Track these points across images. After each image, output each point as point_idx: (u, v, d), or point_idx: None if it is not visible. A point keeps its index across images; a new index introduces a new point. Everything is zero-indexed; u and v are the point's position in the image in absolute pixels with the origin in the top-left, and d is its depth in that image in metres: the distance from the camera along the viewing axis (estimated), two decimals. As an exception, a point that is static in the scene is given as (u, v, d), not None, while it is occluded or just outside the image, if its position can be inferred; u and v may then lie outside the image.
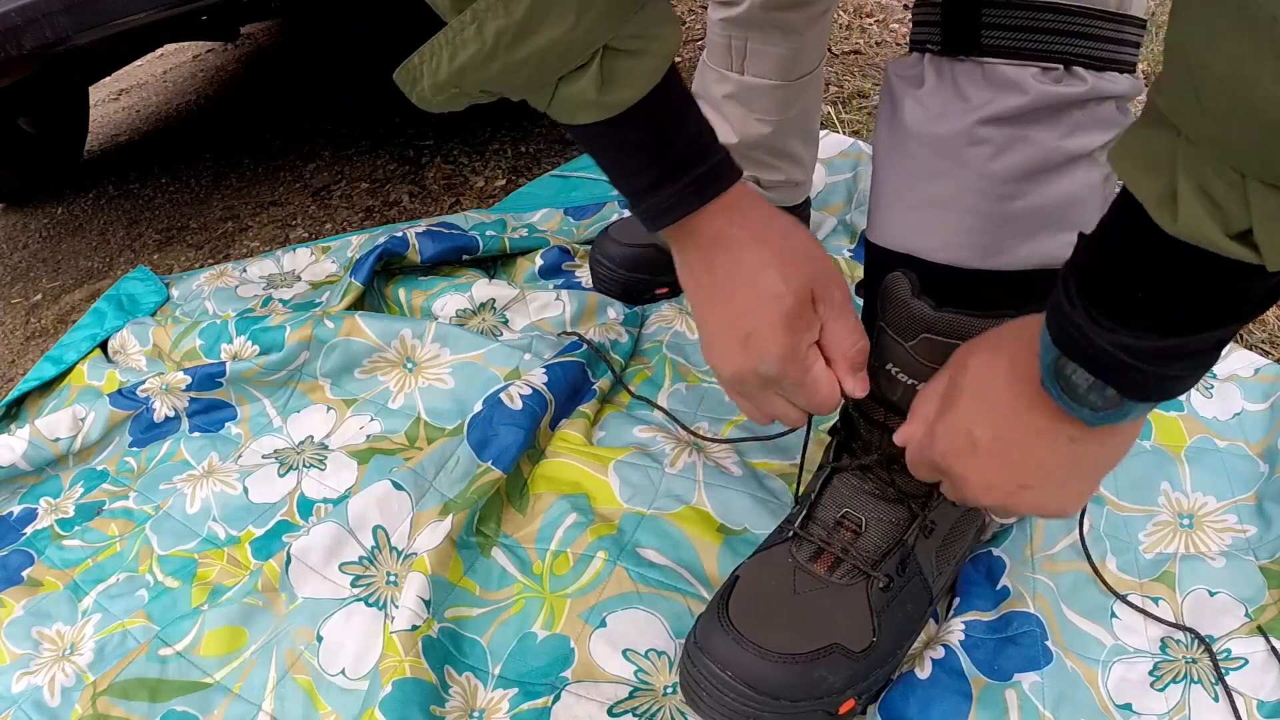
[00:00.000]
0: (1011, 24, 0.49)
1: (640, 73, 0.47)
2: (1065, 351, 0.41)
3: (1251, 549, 0.71)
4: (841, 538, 0.61)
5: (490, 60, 0.43)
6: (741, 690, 0.56)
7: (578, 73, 0.46)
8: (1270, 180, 0.29)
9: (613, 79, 0.47)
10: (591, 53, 0.45)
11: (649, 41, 0.47)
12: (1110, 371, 0.40)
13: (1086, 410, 0.42)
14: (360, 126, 1.73)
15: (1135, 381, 0.39)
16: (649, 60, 0.47)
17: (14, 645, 0.73)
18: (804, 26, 0.90)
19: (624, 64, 0.46)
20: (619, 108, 0.48)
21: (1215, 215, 0.31)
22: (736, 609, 0.59)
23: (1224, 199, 0.31)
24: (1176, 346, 0.38)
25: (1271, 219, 0.30)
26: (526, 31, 0.42)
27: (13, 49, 1.00)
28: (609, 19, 0.43)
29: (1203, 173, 0.31)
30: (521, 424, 0.79)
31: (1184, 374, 0.39)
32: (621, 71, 0.47)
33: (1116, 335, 0.38)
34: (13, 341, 1.28)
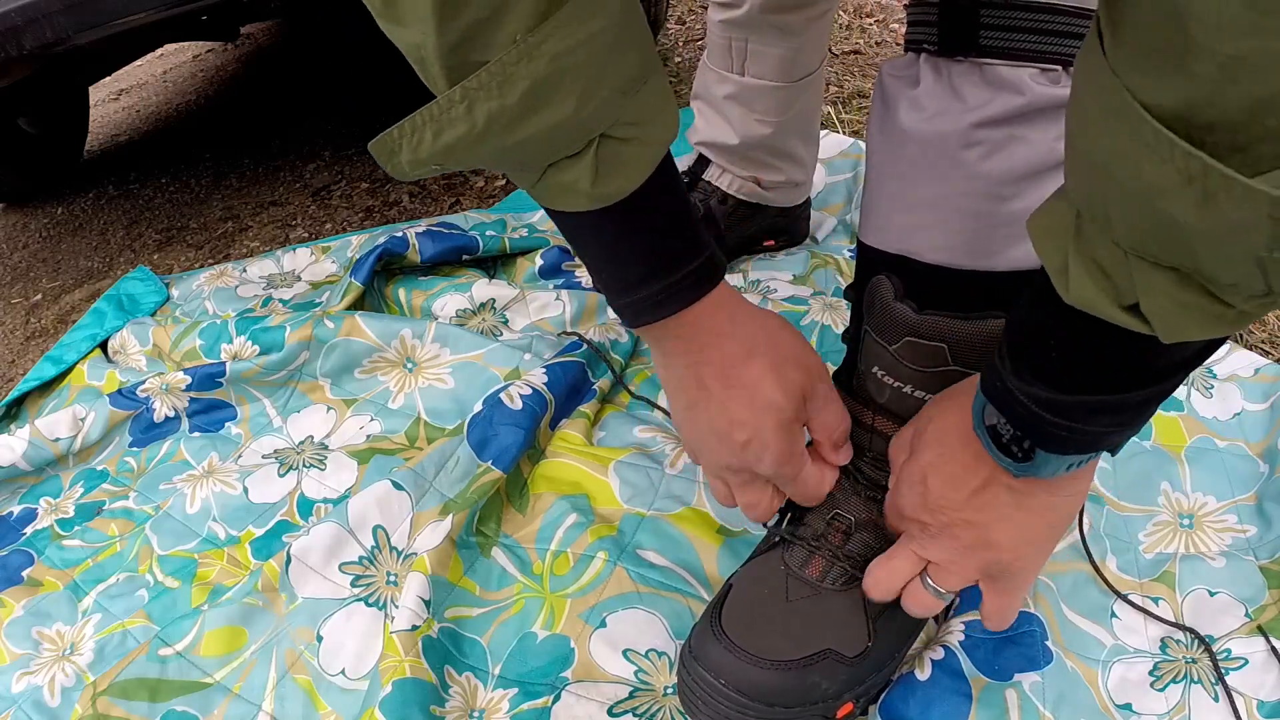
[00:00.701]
0: (1009, 25, 0.49)
1: (637, 162, 0.44)
2: (990, 399, 0.44)
3: (1251, 549, 0.71)
4: (831, 541, 0.61)
5: (479, 143, 0.39)
6: (736, 698, 0.56)
7: (571, 160, 0.42)
8: (1148, 256, 0.30)
9: (608, 169, 0.43)
10: (587, 140, 0.42)
11: (646, 128, 0.44)
12: (1025, 422, 0.42)
13: (1009, 460, 0.44)
14: (360, 126, 1.73)
15: (1048, 434, 0.41)
16: (646, 149, 0.44)
17: (14, 645, 0.73)
18: (804, 27, 0.90)
19: (620, 153, 0.43)
20: (612, 199, 0.45)
21: (1106, 287, 0.33)
22: (729, 617, 0.59)
23: (1113, 273, 0.32)
24: (1091, 404, 0.39)
25: (1154, 294, 0.31)
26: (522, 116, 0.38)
27: (13, 49, 1.00)
28: (609, 105, 0.41)
29: (1093, 247, 0.33)
30: (521, 424, 0.79)
31: (1104, 430, 0.41)
32: (617, 161, 0.43)
33: (1032, 388, 0.40)
34: (13, 341, 1.28)
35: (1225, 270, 0.28)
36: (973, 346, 0.54)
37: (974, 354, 0.54)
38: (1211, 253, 0.28)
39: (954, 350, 0.54)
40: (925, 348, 0.54)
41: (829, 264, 1.04)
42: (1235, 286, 0.29)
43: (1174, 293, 0.31)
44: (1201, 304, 0.30)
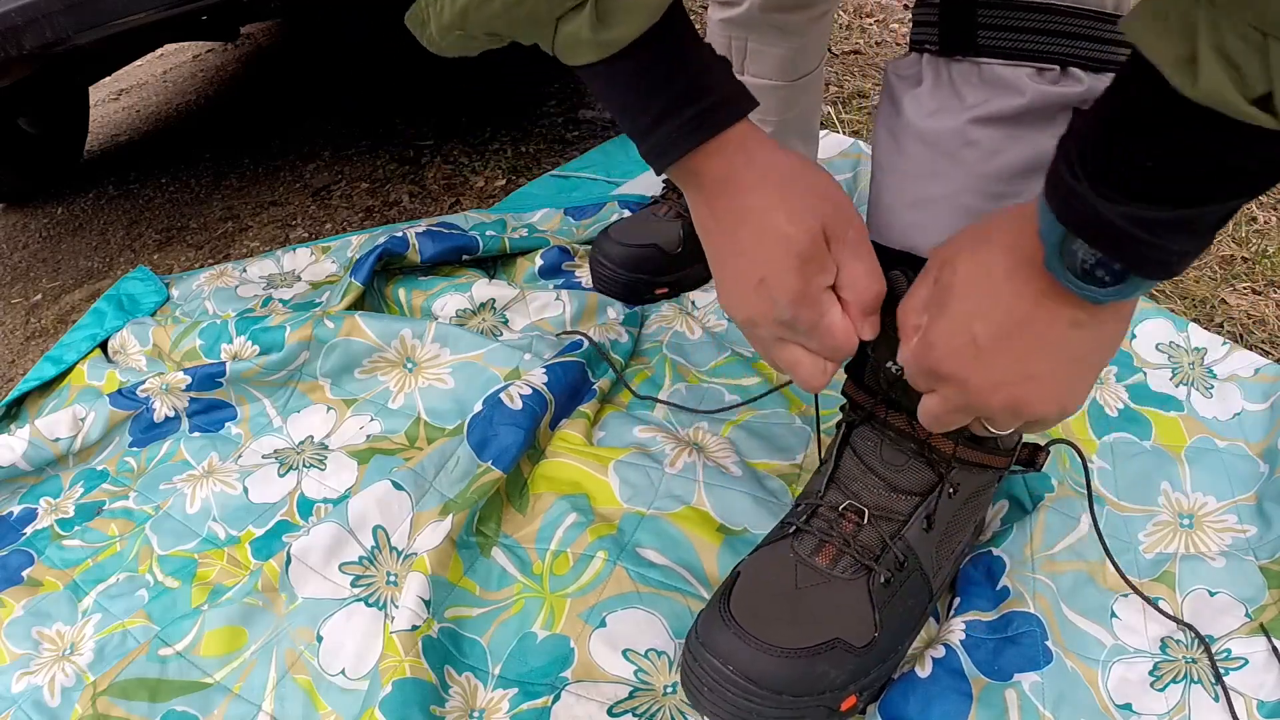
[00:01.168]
0: (1007, 25, 0.50)
1: (635, 9, 0.46)
2: (1071, 228, 0.39)
3: (1251, 549, 0.71)
4: (843, 530, 0.61)
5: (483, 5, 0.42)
6: (743, 685, 0.56)
7: (574, 12, 0.45)
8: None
9: (607, 17, 0.45)
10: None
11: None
12: (1118, 245, 0.38)
13: (1093, 288, 0.41)
14: (360, 126, 1.73)
15: (1143, 255, 0.38)
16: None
17: (14, 645, 0.73)
18: (804, 27, 0.90)
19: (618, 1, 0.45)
20: (616, 46, 0.47)
21: (1234, 78, 0.31)
22: (738, 604, 0.59)
23: (1244, 61, 0.30)
24: (1187, 218, 0.37)
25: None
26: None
27: (13, 49, 1.00)
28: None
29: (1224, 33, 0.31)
30: (521, 424, 0.79)
31: (1188, 249, 0.38)
32: (616, 9, 0.45)
33: (1126, 207, 0.37)
34: (13, 341, 1.28)
35: None
36: None
37: None
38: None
39: None
40: None
41: (829, 264, 1.04)
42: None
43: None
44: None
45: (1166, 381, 0.87)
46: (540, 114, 1.63)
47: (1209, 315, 0.99)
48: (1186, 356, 0.89)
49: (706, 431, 0.84)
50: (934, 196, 0.54)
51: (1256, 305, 0.99)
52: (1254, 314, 0.98)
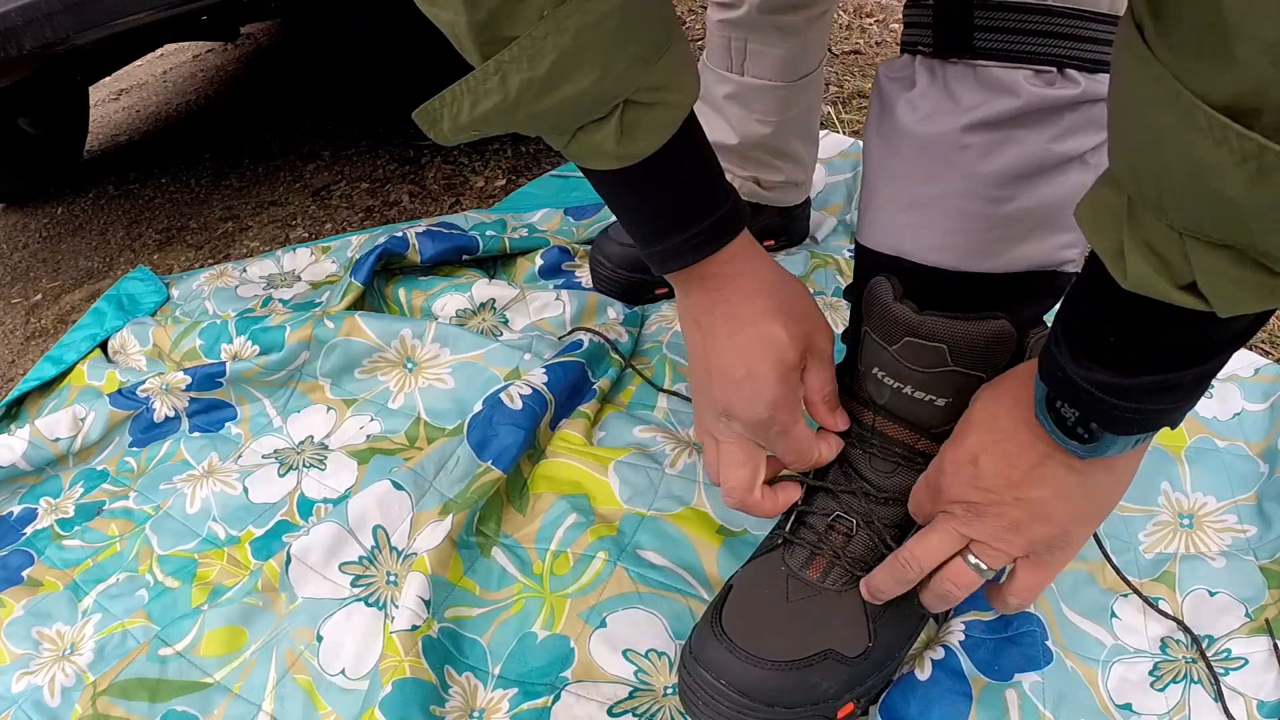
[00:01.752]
0: (1003, 26, 0.49)
1: (659, 125, 0.48)
2: (1051, 387, 0.44)
3: (1251, 549, 0.71)
4: (833, 541, 0.61)
5: (513, 111, 0.43)
6: (736, 698, 0.56)
7: (598, 124, 0.46)
8: (1202, 236, 0.31)
9: (632, 131, 0.47)
10: (612, 105, 0.45)
11: (668, 93, 0.47)
12: (1089, 407, 0.42)
13: (1075, 443, 0.45)
14: (360, 126, 1.73)
15: (1114, 416, 0.42)
16: (667, 112, 0.48)
17: (14, 645, 0.73)
18: (803, 28, 0.90)
19: (643, 116, 0.47)
20: (636, 158, 0.49)
21: (1161, 270, 0.33)
22: (730, 618, 0.59)
23: (1167, 254, 0.33)
24: (1151, 384, 0.40)
25: (1210, 272, 0.32)
26: (550, 85, 0.42)
27: (13, 49, 1.00)
28: (632, 73, 0.44)
29: (1146, 230, 0.33)
30: (521, 424, 0.79)
31: (1171, 407, 0.41)
32: (640, 124, 0.47)
33: (1093, 374, 0.41)
34: (13, 341, 1.28)
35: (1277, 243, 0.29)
36: (972, 347, 0.54)
37: (974, 355, 0.54)
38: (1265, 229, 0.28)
39: (954, 351, 0.54)
40: (925, 348, 0.54)
41: (829, 264, 1.04)
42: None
43: (1229, 270, 0.31)
44: (1257, 278, 0.31)
45: (1166, 381, 0.87)
46: (540, 114, 1.63)
47: (1209, 315, 0.98)
48: (1186, 356, 0.89)
49: (706, 431, 0.84)
50: (927, 200, 0.54)
51: (1256, 305, 0.99)
52: (1254, 314, 0.98)
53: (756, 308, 0.55)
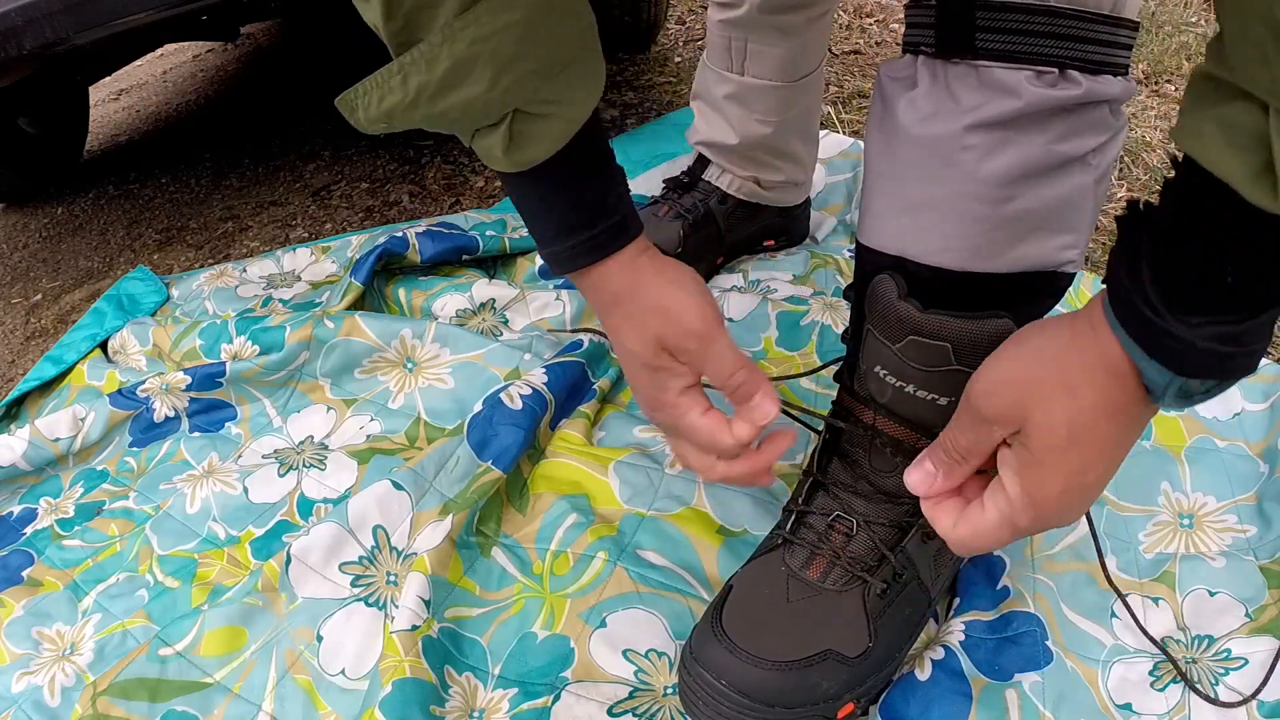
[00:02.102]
0: (1006, 27, 0.49)
1: (545, 136, 0.50)
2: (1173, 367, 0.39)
3: (1251, 549, 0.71)
4: (833, 541, 0.61)
5: (412, 109, 0.46)
6: (736, 698, 0.56)
7: (490, 129, 0.49)
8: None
9: (520, 140, 0.49)
10: (502, 114, 0.48)
11: (560, 107, 0.49)
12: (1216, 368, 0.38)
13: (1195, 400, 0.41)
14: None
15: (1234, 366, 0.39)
16: (556, 124, 0.50)
17: (14, 645, 0.73)
18: (803, 28, 0.90)
19: (531, 128, 0.49)
20: (523, 165, 0.51)
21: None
22: (730, 618, 0.59)
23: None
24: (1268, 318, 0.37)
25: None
26: (444, 89, 0.45)
27: (13, 49, 1.00)
28: (522, 86, 0.46)
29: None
30: (521, 424, 0.79)
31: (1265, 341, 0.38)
32: (528, 134, 0.49)
33: (1209, 328, 0.37)
34: (13, 341, 1.28)
35: None
36: (976, 346, 0.53)
37: (977, 354, 0.54)
38: None
39: (958, 350, 0.54)
40: (929, 347, 0.54)
41: (829, 264, 1.04)
42: None
43: None
44: None
45: (1166, 381, 0.87)
46: (540, 114, 1.63)
47: (1209, 315, 0.98)
48: (1186, 356, 0.89)
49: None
50: (928, 201, 0.54)
51: (1256, 305, 0.99)
52: (1254, 314, 0.98)
53: (611, 322, 0.59)
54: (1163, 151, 1.31)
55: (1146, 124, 1.39)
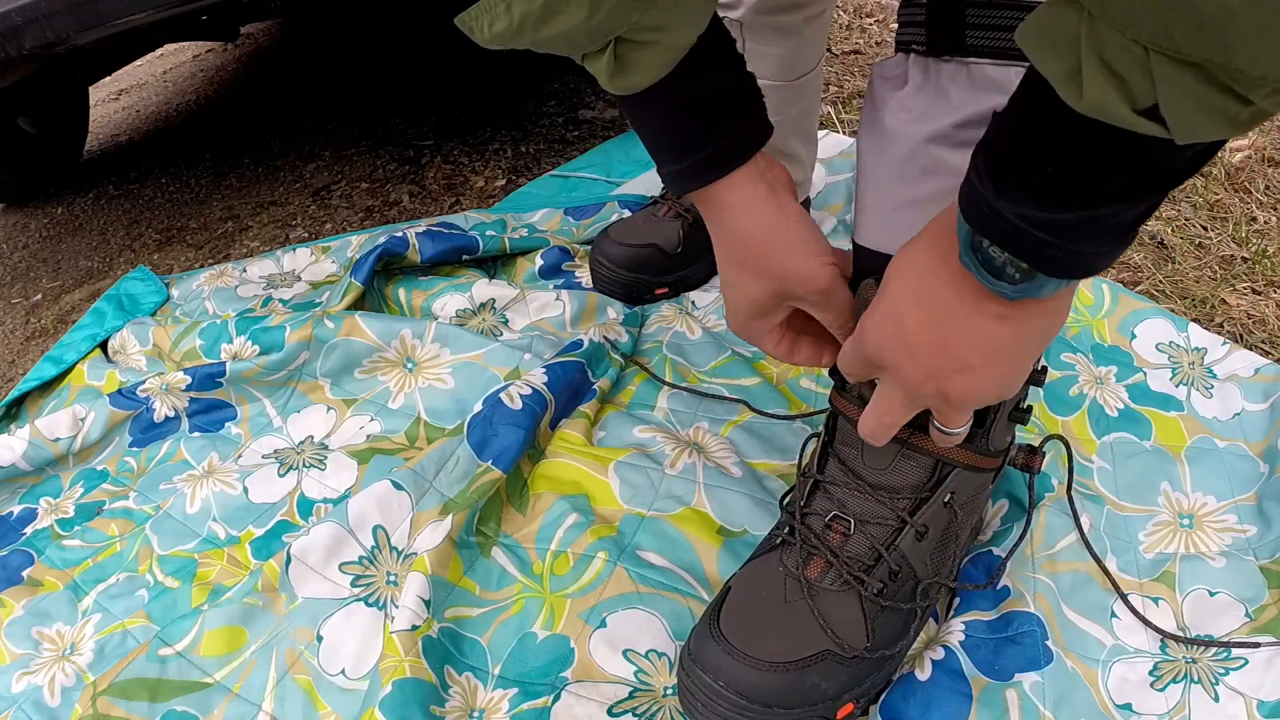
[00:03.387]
0: (996, 24, 0.49)
1: (649, 63, 0.50)
2: (977, 228, 0.41)
3: (1251, 549, 0.71)
4: (830, 541, 0.61)
5: (519, 35, 0.46)
6: (735, 700, 0.56)
7: (596, 54, 0.49)
8: (1171, 52, 0.29)
9: (624, 66, 0.50)
10: (604, 42, 0.48)
11: (662, 34, 0.48)
12: (1021, 246, 0.40)
13: (1004, 284, 0.42)
14: (360, 126, 1.73)
15: (1047, 256, 0.40)
16: (658, 52, 0.50)
17: (14, 645, 0.73)
18: (801, 27, 0.90)
19: (634, 55, 0.49)
20: (628, 90, 0.52)
21: (1120, 90, 0.32)
22: (728, 619, 0.59)
23: (1128, 73, 0.31)
24: (1088, 220, 0.38)
25: (1174, 92, 0.30)
26: (545, 18, 0.45)
27: (13, 49, 1.00)
28: (620, 13, 0.46)
29: (1106, 47, 0.31)
30: (521, 424, 0.79)
31: (1098, 250, 0.40)
32: (631, 60, 0.49)
33: (1025, 209, 0.39)
34: (13, 341, 1.28)
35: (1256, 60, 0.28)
36: None
37: None
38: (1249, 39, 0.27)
39: None
40: None
41: (829, 264, 1.04)
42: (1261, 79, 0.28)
43: (1195, 90, 0.30)
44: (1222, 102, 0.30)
45: (1166, 381, 0.87)
46: (540, 114, 1.63)
47: (1209, 315, 0.99)
48: (1186, 356, 0.89)
49: (706, 432, 0.84)
50: (918, 200, 0.54)
51: (1256, 305, 0.99)
52: (1254, 314, 0.98)
53: (728, 255, 0.58)
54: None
55: (1146, 124, 1.39)
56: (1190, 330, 0.91)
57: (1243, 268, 1.06)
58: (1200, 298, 1.01)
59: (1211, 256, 1.08)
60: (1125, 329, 0.93)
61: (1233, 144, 1.33)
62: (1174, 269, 1.06)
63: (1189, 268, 1.06)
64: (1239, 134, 0.33)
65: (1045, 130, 0.37)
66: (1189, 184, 1.23)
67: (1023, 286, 0.42)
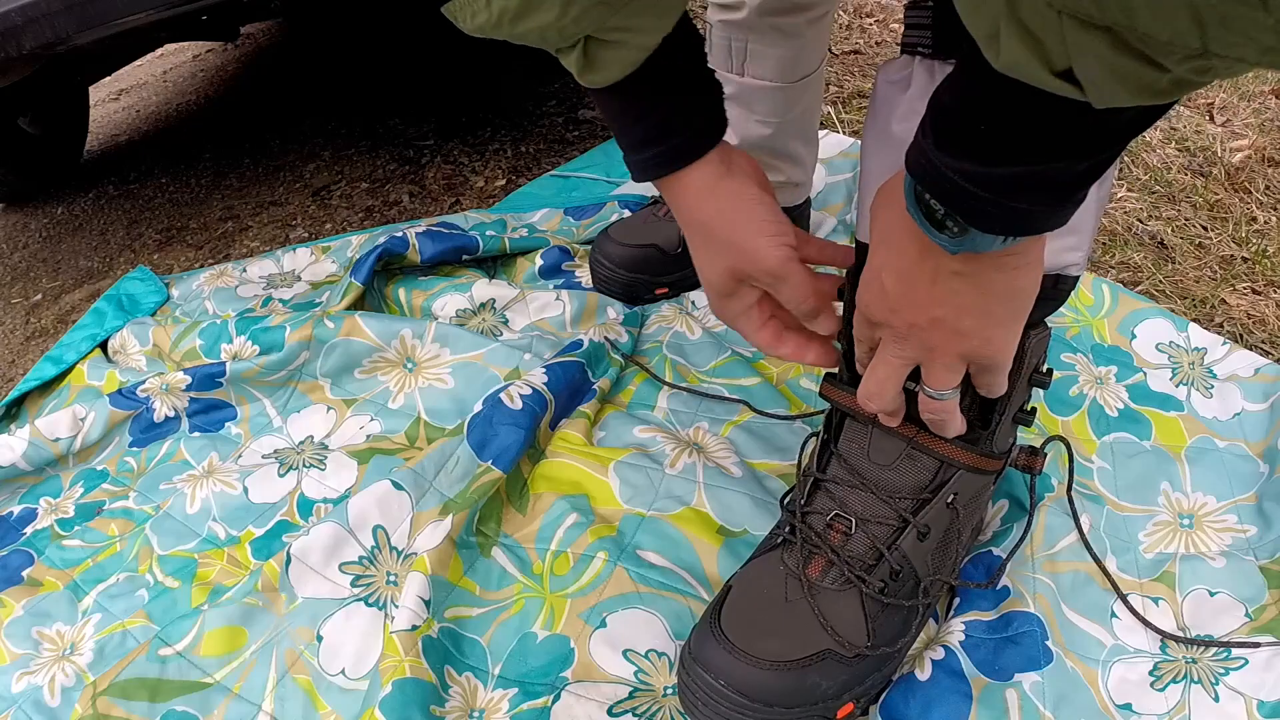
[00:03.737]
0: None
1: (616, 61, 0.53)
2: (917, 178, 0.43)
3: (1251, 549, 0.71)
4: (831, 540, 0.61)
5: (498, 28, 0.49)
6: (735, 699, 0.56)
7: (567, 50, 0.52)
8: (1081, 15, 0.30)
9: (593, 63, 0.52)
10: (574, 40, 0.50)
11: (630, 34, 0.51)
12: (955, 198, 0.42)
13: (944, 237, 0.44)
14: (360, 126, 1.73)
15: (978, 210, 0.41)
16: (626, 51, 0.52)
17: (14, 645, 0.73)
18: (804, 29, 0.90)
19: (603, 52, 0.52)
20: (597, 85, 0.55)
21: (1037, 51, 0.32)
22: (729, 618, 0.59)
23: (1044, 35, 0.32)
24: (1021, 176, 0.39)
25: (1086, 57, 0.31)
26: (521, 15, 0.47)
27: (13, 49, 1.00)
28: (588, 16, 0.48)
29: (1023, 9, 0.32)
30: (521, 424, 0.79)
31: (1035, 208, 0.41)
32: (600, 58, 0.52)
33: (959, 163, 0.40)
34: (13, 341, 1.28)
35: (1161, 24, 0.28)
36: None
37: None
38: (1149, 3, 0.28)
39: None
40: None
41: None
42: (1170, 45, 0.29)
43: (1107, 55, 0.30)
44: (1135, 68, 0.30)
45: (1166, 381, 0.87)
46: (540, 114, 1.63)
47: (1209, 315, 0.99)
48: (1186, 356, 0.89)
49: (706, 432, 0.84)
50: None
51: (1256, 305, 0.99)
52: (1254, 314, 0.98)
53: (690, 237, 0.61)
54: (1162, 152, 1.31)
55: (1146, 124, 1.39)
56: (1190, 330, 0.91)
57: (1243, 268, 1.06)
58: (1200, 298, 1.01)
59: (1211, 256, 1.08)
60: (1125, 329, 0.93)
61: (1233, 144, 1.33)
62: (1174, 269, 1.06)
63: (1189, 268, 1.06)
64: (1161, 101, 0.33)
65: (980, 88, 0.38)
66: (1189, 184, 1.23)
67: (960, 240, 0.44)
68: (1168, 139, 1.35)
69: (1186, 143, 1.34)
